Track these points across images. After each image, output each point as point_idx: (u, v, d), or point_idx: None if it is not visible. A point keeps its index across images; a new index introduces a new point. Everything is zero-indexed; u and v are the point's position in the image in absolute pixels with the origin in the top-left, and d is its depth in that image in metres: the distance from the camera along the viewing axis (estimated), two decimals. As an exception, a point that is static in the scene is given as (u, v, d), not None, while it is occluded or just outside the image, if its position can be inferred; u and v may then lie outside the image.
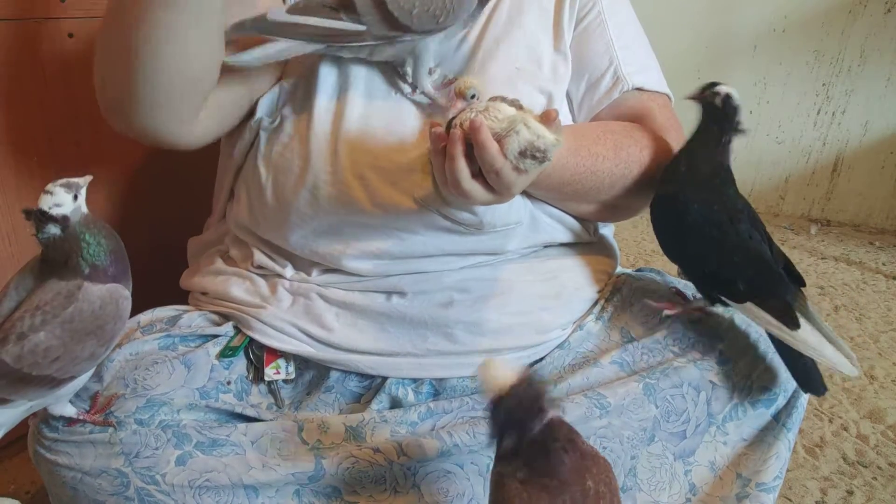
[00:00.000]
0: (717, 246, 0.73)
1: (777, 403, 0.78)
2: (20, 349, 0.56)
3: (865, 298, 1.64)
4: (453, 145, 0.61)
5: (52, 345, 0.56)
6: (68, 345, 0.57)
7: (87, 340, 0.58)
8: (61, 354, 0.57)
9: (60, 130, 0.93)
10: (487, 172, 0.61)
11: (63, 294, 0.57)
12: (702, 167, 0.74)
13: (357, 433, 0.72)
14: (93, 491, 0.67)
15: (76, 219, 0.58)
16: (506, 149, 0.60)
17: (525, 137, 0.60)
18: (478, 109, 0.62)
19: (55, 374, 0.58)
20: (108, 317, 0.59)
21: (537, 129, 0.61)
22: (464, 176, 0.62)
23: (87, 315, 0.57)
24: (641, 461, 0.76)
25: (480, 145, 0.59)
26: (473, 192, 0.63)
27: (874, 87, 2.02)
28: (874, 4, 1.96)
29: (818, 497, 0.97)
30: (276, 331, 0.77)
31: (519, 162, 0.61)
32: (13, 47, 0.86)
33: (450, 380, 0.78)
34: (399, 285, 0.77)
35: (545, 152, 0.61)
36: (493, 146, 0.60)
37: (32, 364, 0.56)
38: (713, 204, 0.74)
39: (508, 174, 0.61)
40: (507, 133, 0.60)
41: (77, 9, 0.91)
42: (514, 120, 0.61)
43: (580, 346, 0.83)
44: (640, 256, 1.88)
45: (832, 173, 2.15)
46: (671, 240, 0.78)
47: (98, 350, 0.60)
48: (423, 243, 0.75)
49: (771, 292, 0.72)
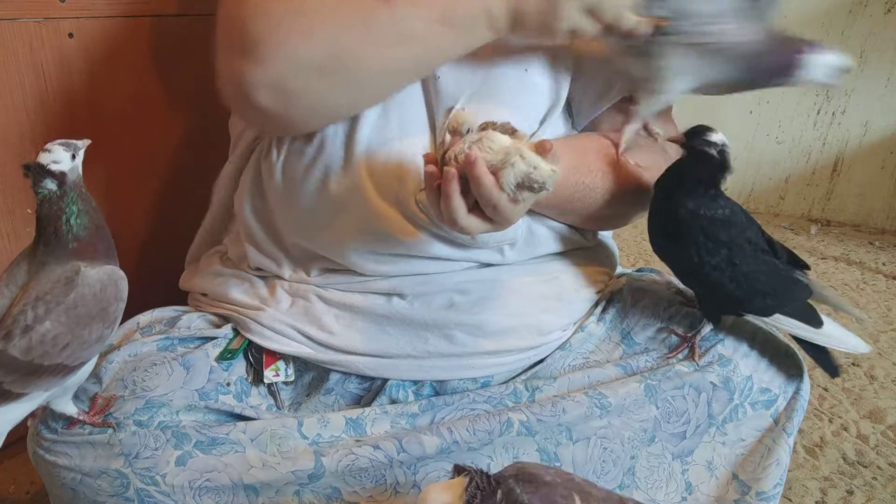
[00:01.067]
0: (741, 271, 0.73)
1: (777, 405, 0.78)
2: (28, 341, 0.56)
3: (865, 298, 1.64)
4: (448, 183, 0.59)
5: (59, 332, 0.57)
6: (75, 330, 0.58)
7: (93, 324, 0.59)
8: (70, 341, 0.58)
9: (60, 130, 0.93)
10: (485, 206, 0.61)
11: (62, 281, 0.57)
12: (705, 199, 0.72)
13: (357, 424, 0.72)
14: (93, 492, 0.67)
15: (73, 178, 0.59)
16: (502, 181, 0.59)
17: (521, 170, 0.59)
18: (471, 141, 0.61)
19: (66, 362, 0.59)
20: (110, 298, 0.59)
21: (533, 160, 0.60)
22: (461, 214, 0.61)
23: (90, 299, 0.58)
24: (640, 461, 0.76)
25: (476, 180, 0.58)
26: (471, 227, 0.62)
27: (874, 87, 2.02)
28: (874, 4, 1.96)
29: (818, 497, 0.97)
30: (275, 333, 0.77)
31: (517, 194, 0.60)
32: (13, 47, 0.86)
33: (450, 382, 0.78)
34: (399, 287, 0.77)
35: (542, 184, 0.60)
36: (489, 180, 0.59)
37: (42, 354, 0.57)
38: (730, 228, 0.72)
39: (506, 206, 0.61)
40: (504, 165, 0.59)
41: (77, 9, 0.91)
42: (510, 152, 0.60)
43: (581, 346, 0.83)
44: (640, 256, 1.88)
45: (832, 173, 2.15)
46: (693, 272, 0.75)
47: (105, 332, 0.61)
48: (425, 244, 0.75)
49: (795, 298, 0.74)
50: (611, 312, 0.86)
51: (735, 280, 0.72)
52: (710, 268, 0.73)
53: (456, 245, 0.76)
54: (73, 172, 0.59)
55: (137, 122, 1.01)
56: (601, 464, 0.74)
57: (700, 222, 0.72)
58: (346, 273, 0.78)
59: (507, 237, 0.77)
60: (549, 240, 0.82)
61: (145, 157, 1.05)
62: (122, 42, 0.96)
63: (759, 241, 0.75)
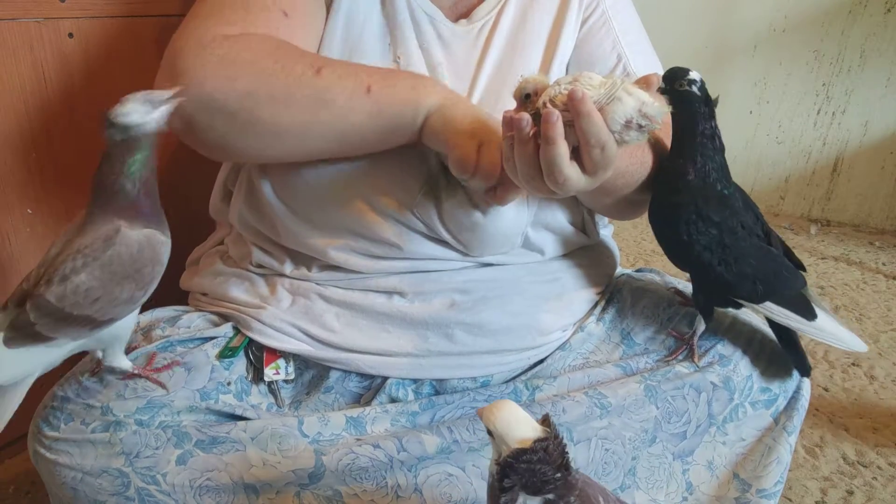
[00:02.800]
0: (731, 253, 0.72)
1: (777, 404, 0.78)
2: (63, 289, 0.59)
3: (865, 298, 1.64)
4: (552, 126, 0.53)
5: (92, 286, 0.59)
6: (107, 286, 0.60)
7: (126, 283, 0.61)
8: (101, 296, 0.60)
9: (60, 130, 0.93)
10: (592, 147, 0.55)
11: (102, 238, 0.60)
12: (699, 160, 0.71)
13: (357, 423, 0.72)
14: (93, 491, 0.67)
15: (144, 130, 0.60)
16: (609, 119, 0.54)
17: (631, 105, 0.54)
18: (566, 82, 0.55)
19: (94, 315, 0.61)
20: (145, 260, 0.61)
21: (640, 95, 0.54)
22: (565, 161, 0.55)
23: (126, 258, 0.60)
24: (641, 461, 0.76)
25: (587, 117, 0.53)
26: (572, 179, 0.56)
27: (874, 87, 2.02)
28: (874, 4, 1.96)
29: (818, 497, 0.97)
30: (276, 331, 0.77)
31: (623, 133, 0.55)
32: (13, 47, 0.86)
33: (450, 381, 0.78)
34: (400, 286, 0.77)
35: (653, 118, 0.54)
36: (599, 117, 0.53)
37: (74, 304, 0.59)
38: (721, 206, 0.72)
39: (612, 148, 0.55)
40: (610, 101, 0.53)
41: (77, 9, 0.91)
42: (614, 85, 0.54)
43: (581, 346, 0.83)
44: (640, 256, 1.88)
45: (832, 173, 2.15)
46: (683, 251, 0.75)
47: (137, 293, 0.62)
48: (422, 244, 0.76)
49: (787, 287, 0.72)
50: (610, 312, 0.86)
51: (724, 262, 0.72)
52: (699, 247, 0.72)
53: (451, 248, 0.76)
54: (143, 126, 0.60)
55: (137, 122, 1.01)
56: (602, 465, 0.74)
57: (695, 196, 0.71)
58: (347, 270, 0.78)
59: (504, 249, 0.77)
60: (552, 243, 0.82)
61: (145, 156, 1.05)
62: (122, 42, 0.96)
63: (755, 228, 0.74)
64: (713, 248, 0.72)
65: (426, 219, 0.74)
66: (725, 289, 0.74)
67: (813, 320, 0.71)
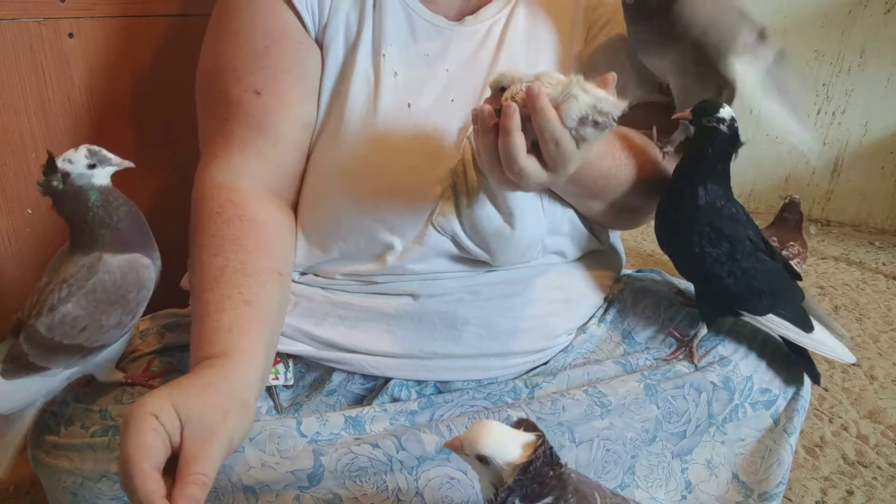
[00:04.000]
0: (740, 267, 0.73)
1: (777, 405, 0.78)
2: (52, 319, 0.60)
3: (865, 298, 1.64)
4: (508, 118, 0.56)
5: (79, 314, 0.60)
6: (93, 314, 0.61)
7: (112, 310, 0.61)
8: (88, 324, 0.61)
9: (60, 130, 0.93)
10: (546, 142, 0.57)
11: (85, 266, 0.61)
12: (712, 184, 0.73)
13: (356, 422, 0.71)
14: (93, 495, 0.66)
15: (82, 182, 0.61)
16: (564, 115, 0.56)
17: (585, 101, 0.56)
18: (527, 81, 0.57)
19: (85, 343, 0.62)
20: (129, 285, 0.62)
21: (596, 93, 0.56)
22: (521, 152, 0.57)
23: (109, 285, 0.61)
24: (640, 459, 0.76)
25: (540, 113, 0.55)
26: (528, 171, 0.59)
27: (874, 87, 2.02)
28: (874, 4, 1.96)
29: (818, 497, 0.97)
30: None
31: (580, 129, 0.57)
32: (13, 47, 0.86)
33: (454, 383, 0.78)
34: (409, 288, 0.76)
35: (608, 115, 0.56)
36: (553, 113, 0.56)
37: (63, 333, 0.60)
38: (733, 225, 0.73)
39: (568, 144, 0.58)
40: (565, 98, 0.56)
41: (77, 9, 0.91)
42: (570, 83, 0.56)
43: (582, 347, 0.83)
44: (640, 256, 1.88)
45: (832, 173, 2.15)
46: (693, 263, 0.76)
47: (125, 318, 0.63)
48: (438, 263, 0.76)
49: (789, 301, 0.74)
50: (611, 313, 0.86)
51: (733, 275, 0.73)
52: (710, 260, 0.73)
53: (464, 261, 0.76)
54: (83, 178, 0.61)
55: (137, 122, 1.01)
56: (603, 464, 0.74)
57: (707, 212, 0.72)
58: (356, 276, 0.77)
59: (525, 259, 0.77)
60: (569, 248, 0.82)
61: (145, 156, 1.04)
62: (122, 42, 0.96)
63: (759, 242, 0.76)
64: (723, 260, 0.73)
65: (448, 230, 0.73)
66: (731, 301, 0.75)
67: (810, 332, 0.73)
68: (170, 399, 0.52)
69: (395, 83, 0.74)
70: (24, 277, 0.93)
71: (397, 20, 0.76)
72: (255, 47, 0.73)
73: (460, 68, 0.76)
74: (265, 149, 0.74)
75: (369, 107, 0.73)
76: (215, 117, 0.76)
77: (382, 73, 0.74)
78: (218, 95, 0.75)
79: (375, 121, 0.73)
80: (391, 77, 0.74)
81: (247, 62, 0.73)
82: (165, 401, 0.52)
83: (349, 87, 0.73)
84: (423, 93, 0.74)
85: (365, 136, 0.72)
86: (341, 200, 0.74)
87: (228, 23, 0.75)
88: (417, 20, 0.76)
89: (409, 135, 0.72)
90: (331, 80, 0.75)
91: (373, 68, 0.74)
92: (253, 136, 0.74)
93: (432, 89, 0.75)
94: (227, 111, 0.74)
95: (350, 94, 0.73)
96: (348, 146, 0.73)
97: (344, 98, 0.73)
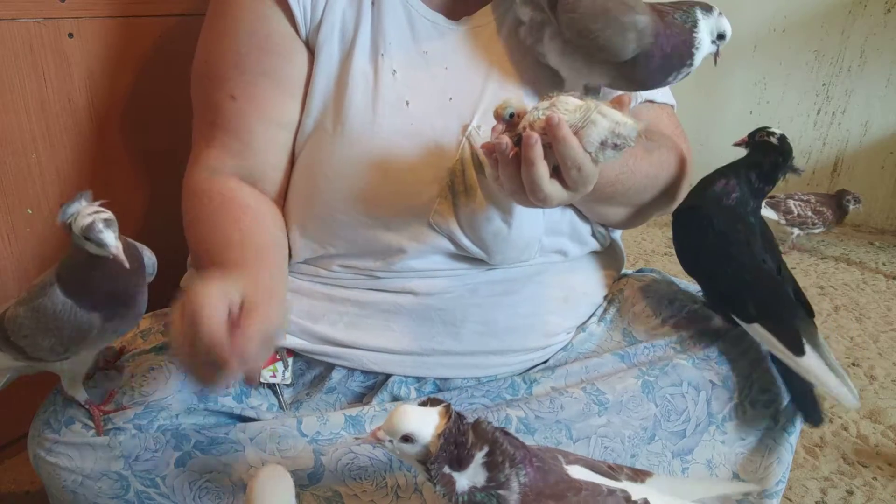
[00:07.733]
0: (730, 264, 0.74)
1: (777, 404, 0.78)
2: (13, 314, 0.63)
3: (865, 298, 1.64)
4: (531, 149, 0.57)
5: (23, 323, 0.62)
6: (34, 329, 0.62)
7: (47, 335, 0.62)
8: (29, 335, 0.62)
9: (60, 130, 0.93)
10: (569, 169, 0.58)
11: (40, 285, 0.62)
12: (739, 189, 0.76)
13: (356, 422, 0.72)
14: (93, 494, 0.67)
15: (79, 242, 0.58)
16: (585, 141, 0.57)
17: (605, 126, 0.57)
18: (543, 107, 0.58)
19: (25, 349, 0.63)
20: (64, 325, 0.61)
21: (614, 116, 0.58)
22: (545, 180, 0.59)
23: (49, 313, 0.61)
24: (640, 458, 0.76)
25: (563, 141, 0.57)
26: (553, 195, 0.60)
27: (874, 87, 2.02)
28: (874, 4, 1.96)
29: (818, 497, 0.97)
30: None
31: (599, 153, 0.58)
32: (13, 47, 0.86)
33: (454, 380, 0.78)
34: (408, 285, 0.76)
35: (626, 138, 0.58)
36: (575, 141, 0.57)
37: (11, 331, 0.63)
38: (736, 223, 0.75)
39: (589, 168, 0.59)
40: (584, 124, 0.57)
41: (77, 9, 0.91)
42: (588, 109, 0.57)
43: (582, 346, 0.83)
44: (640, 256, 1.88)
45: (832, 173, 2.15)
46: (689, 253, 0.78)
47: (57, 348, 0.63)
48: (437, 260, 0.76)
49: (779, 316, 0.73)
50: (611, 312, 0.86)
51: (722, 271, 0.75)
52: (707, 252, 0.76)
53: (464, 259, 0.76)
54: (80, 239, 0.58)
55: (137, 122, 1.01)
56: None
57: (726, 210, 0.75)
58: (355, 269, 0.78)
59: (523, 258, 0.77)
60: (570, 247, 0.82)
61: (145, 156, 1.05)
62: (122, 42, 0.96)
63: (767, 258, 0.76)
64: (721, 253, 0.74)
65: (444, 229, 0.74)
66: (721, 298, 0.76)
67: (800, 356, 0.71)
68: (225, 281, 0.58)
69: (393, 82, 0.74)
70: (24, 277, 0.93)
71: (397, 18, 0.75)
72: (239, 51, 0.74)
73: (459, 67, 0.76)
74: (240, 151, 0.76)
75: (368, 105, 0.73)
76: (202, 119, 0.79)
77: (381, 72, 0.73)
78: (204, 98, 0.78)
79: (374, 119, 0.72)
80: (390, 76, 0.74)
81: (228, 67, 0.75)
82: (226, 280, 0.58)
83: (347, 86, 0.73)
84: (421, 91, 0.74)
85: (363, 135, 0.72)
86: (339, 198, 0.74)
87: (215, 24, 0.77)
88: (417, 18, 0.76)
89: (407, 133, 0.72)
90: (326, 78, 0.75)
91: (371, 67, 0.74)
92: (229, 140, 0.76)
93: (431, 88, 0.75)
94: (209, 114, 0.77)
95: (348, 92, 0.73)
96: (346, 144, 0.73)
97: (341, 96, 0.73)
